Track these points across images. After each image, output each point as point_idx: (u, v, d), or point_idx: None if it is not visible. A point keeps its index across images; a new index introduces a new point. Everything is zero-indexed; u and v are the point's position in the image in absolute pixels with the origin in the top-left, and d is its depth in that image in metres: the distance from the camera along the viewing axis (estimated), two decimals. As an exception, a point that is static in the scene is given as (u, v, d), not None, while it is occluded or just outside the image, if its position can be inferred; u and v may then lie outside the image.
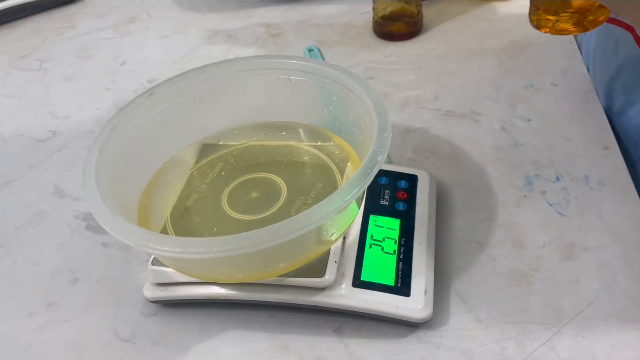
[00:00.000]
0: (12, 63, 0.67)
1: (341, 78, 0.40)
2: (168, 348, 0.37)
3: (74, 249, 0.44)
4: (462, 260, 0.40)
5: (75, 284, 0.42)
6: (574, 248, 0.40)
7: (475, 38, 0.62)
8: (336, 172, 0.41)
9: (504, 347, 0.35)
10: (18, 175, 0.52)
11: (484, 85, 0.55)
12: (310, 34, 0.66)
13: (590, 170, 0.45)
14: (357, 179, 0.32)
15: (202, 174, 0.42)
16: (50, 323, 0.39)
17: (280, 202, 0.39)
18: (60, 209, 0.48)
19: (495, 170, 0.46)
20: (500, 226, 0.42)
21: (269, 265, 0.34)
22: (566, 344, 0.35)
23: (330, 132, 0.44)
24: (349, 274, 0.37)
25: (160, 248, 0.30)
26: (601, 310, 0.36)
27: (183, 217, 0.39)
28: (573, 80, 0.54)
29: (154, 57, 0.66)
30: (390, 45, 0.63)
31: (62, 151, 0.54)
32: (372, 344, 0.36)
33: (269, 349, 0.37)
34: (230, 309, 0.39)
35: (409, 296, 0.36)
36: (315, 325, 0.37)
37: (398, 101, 0.55)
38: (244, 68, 0.43)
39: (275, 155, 0.44)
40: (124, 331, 0.38)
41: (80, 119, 0.58)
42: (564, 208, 0.43)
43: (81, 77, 0.64)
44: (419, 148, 0.49)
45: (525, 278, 0.39)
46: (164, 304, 0.39)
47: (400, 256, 0.38)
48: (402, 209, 0.41)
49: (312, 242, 0.35)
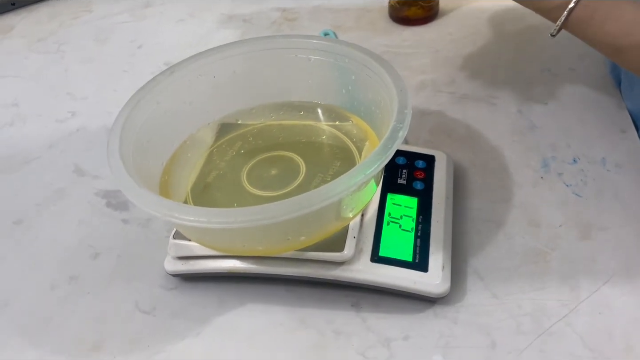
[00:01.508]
0: (30, 46, 0.68)
1: (360, 56, 0.40)
2: (188, 320, 0.38)
3: (95, 225, 0.45)
4: (478, 238, 0.40)
5: (96, 258, 0.42)
6: (590, 228, 0.40)
7: (492, 23, 0.62)
8: (354, 151, 0.42)
9: (520, 323, 0.35)
10: (38, 155, 0.52)
11: (500, 69, 0.55)
12: (325, 18, 0.66)
13: (607, 152, 0.45)
14: (378, 154, 0.32)
15: (221, 152, 0.43)
16: (72, 295, 0.40)
17: (299, 179, 0.40)
18: (80, 186, 0.49)
19: (511, 153, 0.47)
20: (517, 206, 0.42)
21: (290, 237, 0.35)
22: (582, 320, 0.35)
23: (349, 112, 0.44)
24: (367, 249, 0.37)
25: (185, 218, 0.30)
26: (617, 288, 0.37)
27: (204, 192, 0.40)
28: (590, 65, 0.54)
29: (170, 41, 0.67)
30: (406, 29, 0.63)
31: (81, 131, 0.55)
32: (389, 319, 0.36)
33: (286, 322, 0.37)
34: (249, 284, 0.39)
35: (427, 271, 0.36)
36: (333, 300, 0.38)
37: (414, 85, 0.55)
38: (264, 47, 0.43)
39: (293, 135, 0.44)
40: (145, 304, 0.39)
41: (98, 100, 0.58)
42: (581, 189, 0.43)
43: (98, 59, 0.65)
44: (435, 130, 0.50)
45: (542, 256, 0.39)
46: (184, 278, 0.40)
47: (417, 233, 0.38)
48: (419, 188, 0.41)
49: (332, 216, 0.35)
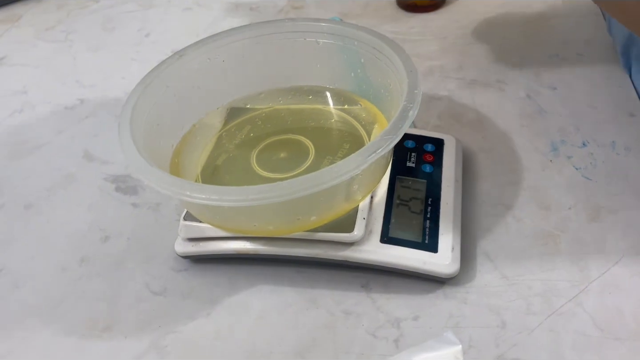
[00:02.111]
0: (38, 35, 0.68)
1: (369, 39, 0.40)
2: (199, 302, 0.38)
3: (104, 209, 0.45)
4: (488, 221, 0.41)
5: (106, 241, 0.43)
6: (600, 210, 0.40)
7: (500, 9, 0.62)
8: (363, 134, 0.42)
9: (530, 303, 0.35)
10: (47, 140, 0.53)
11: (508, 55, 0.55)
12: (332, 6, 0.66)
13: (617, 136, 0.45)
14: (388, 133, 0.32)
15: (230, 136, 0.43)
16: (83, 277, 0.40)
17: (309, 161, 0.40)
18: (89, 171, 0.49)
19: (520, 137, 0.47)
20: (526, 189, 0.42)
21: (300, 217, 0.35)
22: (593, 300, 0.35)
23: (357, 95, 0.44)
24: (376, 230, 0.37)
25: (197, 196, 0.30)
26: (627, 268, 0.37)
27: (214, 175, 0.40)
28: (598, 50, 0.54)
29: (177, 29, 0.67)
30: (413, 17, 0.62)
31: (90, 118, 0.55)
32: (399, 299, 0.37)
33: (297, 302, 0.37)
34: (259, 265, 0.39)
35: (437, 252, 0.36)
36: (343, 281, 0.38)
37: (422, 70, 0.55)
38: (273, 31, 0.44)
39: (302, 119, 0.44)
40: (156, 285, 0.39)
41: (107, 88, 0.59)
42: (590, 172, 0.43)
43: (106, 48, 0.65)
44: (444, 115, 0.50)
45: (552, 238, 0.39)
46: (195, 260, 0.40)
47: (427, 215, 0.38)
48: (428, 171, 0.41)
49: (342, 196, 0.35)
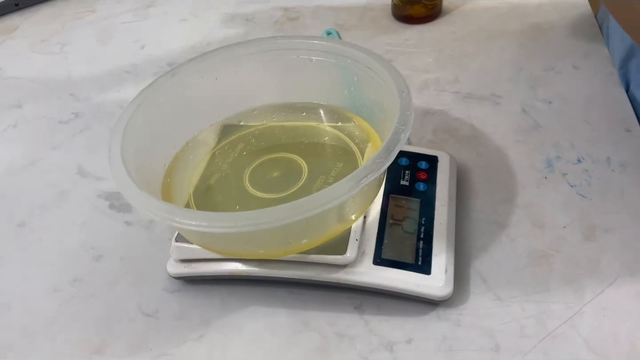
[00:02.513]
0: (33, 47, 0.68)
1: (362, 57, 0.40)
2: (191, 323, 0.38)
3: (98, 227, 0.45)
4: (482, 240, 0.40)
5: (99, 260, 0.43)
6: (595, 229, 0.40)
7: (495, 21, 0.61)
8: (357, 153, 0.41)
9: (524, 326, 0.35)
10: (41, 156, 0.53)
11: (504, 67, 0.55)
12: (328, 17, 0.66)
13: (612, 152, 0.45)
14: (380, 156, 0.32)
15: (223, 154, 0.43)
16: (75, 298, 0.40)
17: (302, 181, 0.40)
18: (83, 188, 0.49)
19: (515, 153, 0.46)
20: (521, 207, 0.42)
21: (292, 241, 0.35)
22: (587, 323, 0.35)
23: (351, 112, 0.44)
24: (369, 251, 0.37)
25: (186, 222, 0.30)
26: (622, 290, 0.36)
27: (206, 195, 0.40)
28: (594, 63, 0.54)
29: (173, 40, 0.66)
30: (409, 28, 0.62)
31: (84, 132, 0.55)
32: (392, 321, 0.36)
33: (289, 325, 0.37)
34: (251, 286, 0.39)
35: (430, 274, 0.36)
36: (335, 302, 0.38)
37: (417, 84, 0.54)
38: (265, 48, 0.43)
39: (295, 136, 0.44)
40: (148, 306, 0.39)
41: (102, 101, 0.58)
42: (585, 189, 0.43)
43: (101, 60, 0.65)
44: (439, 130, 0.49)
45: (546, 258, 0.39)
46: (187, 281, 0.40)
47: (420, 235, 0.38)
48: (422, 189, 0.41)
49: (334, 219, 0.35)
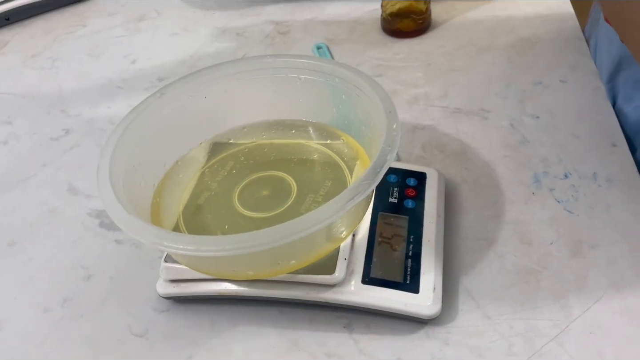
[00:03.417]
0: (24, 62, 0.68)
1: (349, 77, 0.40)
2: (181, 343, 0.38)
3: (88, 246, 0.45)
4: (470, 257, 0.41)
5: (89, 280, 0.43)
6: (582, 245, 0.40)
7: (484, 35, 0.62)
8: (345, 170, 0.42)
9: (512, 344, 0.35)
10: (32, 173, 0.53)
11: (492, 82, 0.56)
12: (318, 32, 0.66)
13: (599, 167, 0.45)
14: (367, 178, 0.32)
15: (213, 172, 0.43)
16: (65, 319, 0.40)
17: (291, 200, 0.40)
18: (73, 206, 0.49)
19: (503, 168, 0.47)
20: (509, 223, 0.42)
21: (280, 262, 0.35)
22: (574, 340, 0.35)
23: (340, 130, 0.44)
24: (358, 270, 0.37)
25: (173, 246, 0.30)
26: (609, 306, 0.37)
27: (195, 214, 0.40)
28: (582, 76, 0.54)
29: (164, 55, 0.67)
30: (398, 42, 0.63)
31: (75, 149, 0.55)
32: (381, 340, 0.37)
33: (279, 345, 0.37)
34: (241, 305, 0.39)
35: (418, 293, 0.36)
36: (325, 322, 0.38)
37: (406, 98, 0.55)
38: (254, 67, 0.44)
39: (285, 154, 0.44)
40: (138, 327, 0.39)
41: (92, 117, 0.58)
42: (572, 205, 0.43)
43: (92, 75, 0.65)
44: (428, 145, 0.50)
45: (533, 275, 0.39)
46: (177, 300, 0.40)
47: (409, 253, 0.38)
48: (410, 206, 0.41)
49: (322, 240, 0.35)
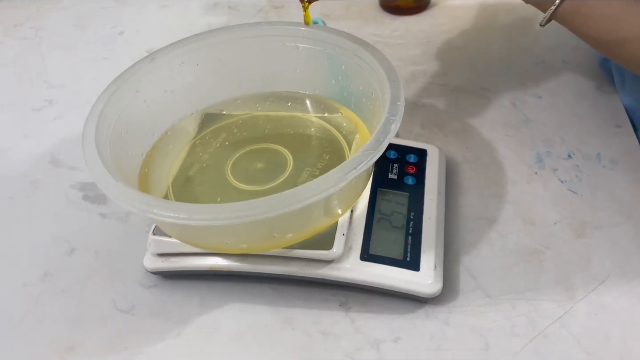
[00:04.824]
0: (7, 31, 0.65)
1: (351, 46, 0.39)
2: (168, 320, 0.36)
3: (71, 220, 0.43)
4: (471, 236, 0.39)
5: (71, 254, 0.40)
6: (585, 226, 0.39)
7: (484, 14, 0.60)
8: (344, 144, 0.40)
9: (515, 324, 0.34)
10: (12, 144, 0.50)
11: (493, 61, 0.54)
12: (314, 7, 0.63)
13: (602, 148, 0.44)
14: (370, 148, 0.31)
15: (204, 144, 0.41)
16: (45, 294, 0.38)
17: (286, 173, 0.38)
18: (56, 178, 0.46)
19: (505, 147, 0.45)
20: (511, 203, 0.41)
21: (276, 235, 0.33)
22: (578, 321, 0.34)
23: (338, 103, 0.42)
24: (356, 247, 0.36)
25: (164, 214, 0.29)
26: (614, 288, 0.35)
27: (185, 186, 0.38)
28: (584, 57, 0.53)
29: (153, 27, 0.64)
30: (396, 19, 0.61)
31: (58, 120, 0.53)
32: (378, 319, 0.35)
33: (271, 323, 0.35)
34: (232, 282, 0.37)
35: (418, 270, 0.35)
36: (320, 299, 0.36)
37: (405, 76, 0.53)
38: (250, 34, 0.42)
39: (280, 127, 0.42)
40: (123, 303, 0.37)
41: (77, 89, 0.56)
42: (576, 186, 0.42)
43: (77, 46, 0.62)
44: (427, 123, 0.48)
45: (536, 255, 0.38)
46: (165, 276, 0.38)
47: (409, 230, 0.37)
48: (411, 183, 0.40)
49: (320, 213, 0.34)
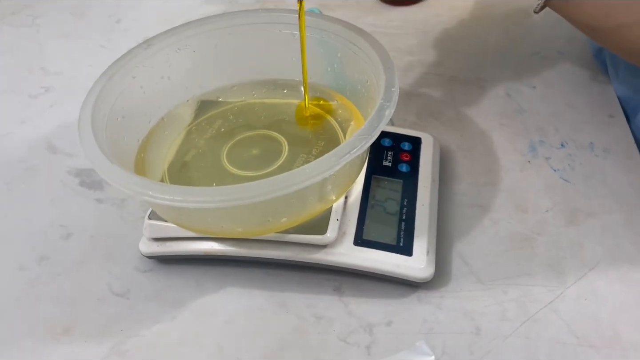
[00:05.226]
0: (3, 18, 0.65)
1: (347, 33, 0.39)
2: (164, 304, 0.36)
3: (67, 205, 0.43)
4: (464, 223, 0.40)
5: (68, 239, 0.41)
6: (577, 213, 0.40)
7: (481, 5, 0.60)
8: (339, 131, 0.40)
9: (506, 309, 0.35)
10: (9, 130, 0.50)
11: (489, 52, 0.54)
12: None
13: (596, 137, 0.45)
14: (364, 133, 0.31)
15: (200, 130, 0.41)
16: (42, 277, 0.38)
17: (282, 159, 0.38)
18: (52, 164, 0.47)
19: (499, 136, 0.46)
20: (504, 191, 0.41)
21: (271, 219, 0.33)
22: (568, 306, 0.34)
23: (334, 90, 0.43)
24: (350, 232, 0.36)
25: (160, 196, 0.29)
26: (604, 274, 0.36)
27: (181, 171, 0.38)
28: (579, 48, 0.53)
29: (150, 16, 0.64)
30: (393, 10, 0.61)
31: (55, 107, 0.53)
32: (372, 303, 0.35)
33: (266, 307, 0.36)
34: (227, 266, 0.38)
35: (411, 255, 0.35)
36: (314, 284, 0.37)
37: (401, 66, 0.53)
38: (246, 21, 0.42)
39: (276, 114, 0.43)
40: (119, 286, 0.37)
41: (74, 76, 0.56)
42: (569, 174, 0.42)
43: (75, 34, 0.62)
44: (422, 112, 0.48)
45: (528, 242, 0.38)
46: (160, 260, 0.38)
47: (402, 217, 0.37)
48: (405, 170, 0.40)
49: (315, 198, 0.34)
